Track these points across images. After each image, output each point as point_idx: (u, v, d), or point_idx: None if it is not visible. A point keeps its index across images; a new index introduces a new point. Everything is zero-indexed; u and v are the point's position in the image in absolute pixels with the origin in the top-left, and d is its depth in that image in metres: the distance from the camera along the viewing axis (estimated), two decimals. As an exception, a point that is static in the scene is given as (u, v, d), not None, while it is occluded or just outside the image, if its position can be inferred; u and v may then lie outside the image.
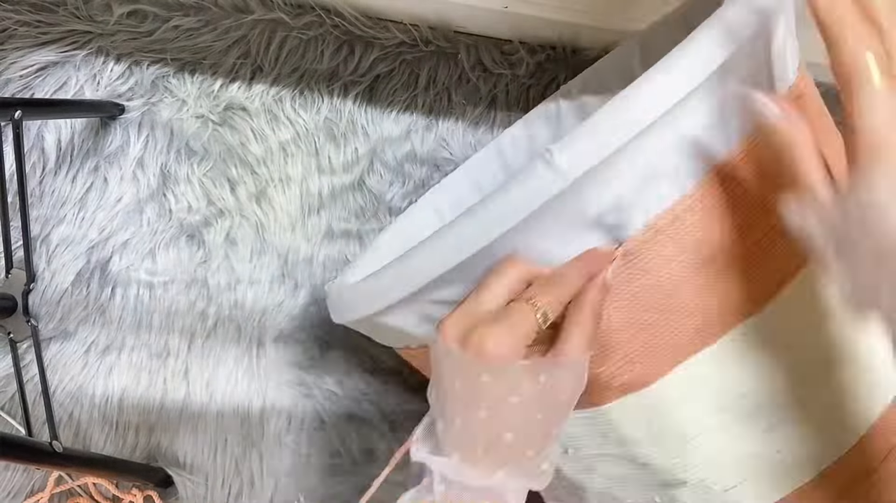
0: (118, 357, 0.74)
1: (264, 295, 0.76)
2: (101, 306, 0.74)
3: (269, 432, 0.75)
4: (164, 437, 0.74)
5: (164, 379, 0.75)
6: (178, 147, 0.75)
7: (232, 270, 0.76)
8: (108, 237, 0.75)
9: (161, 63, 0.75)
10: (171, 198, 0.75)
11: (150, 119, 0.75)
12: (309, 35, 0.75)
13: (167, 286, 0.75)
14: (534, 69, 0.78)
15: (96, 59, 0.74)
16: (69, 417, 0.74)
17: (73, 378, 0.74)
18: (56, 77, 0.74)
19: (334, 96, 0.77)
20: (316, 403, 0.76)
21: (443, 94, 0.78)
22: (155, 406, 0.74)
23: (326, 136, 0.77)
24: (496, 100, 0.78)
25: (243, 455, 0.75)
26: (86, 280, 0.74)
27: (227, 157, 0.76)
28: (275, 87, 0.76)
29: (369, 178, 0.78)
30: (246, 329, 0.76)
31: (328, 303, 0.52)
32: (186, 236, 0.76)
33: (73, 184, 0.74)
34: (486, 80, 0.78)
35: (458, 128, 0.78)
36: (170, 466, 0.74)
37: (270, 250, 0.76)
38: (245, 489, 0.75)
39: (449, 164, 0.78)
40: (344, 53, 0.76)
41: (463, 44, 0.77)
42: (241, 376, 0.75)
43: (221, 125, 0.76)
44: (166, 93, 0.75)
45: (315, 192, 0.77)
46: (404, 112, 0.78)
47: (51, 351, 0.74)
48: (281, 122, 0.76)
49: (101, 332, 0.74)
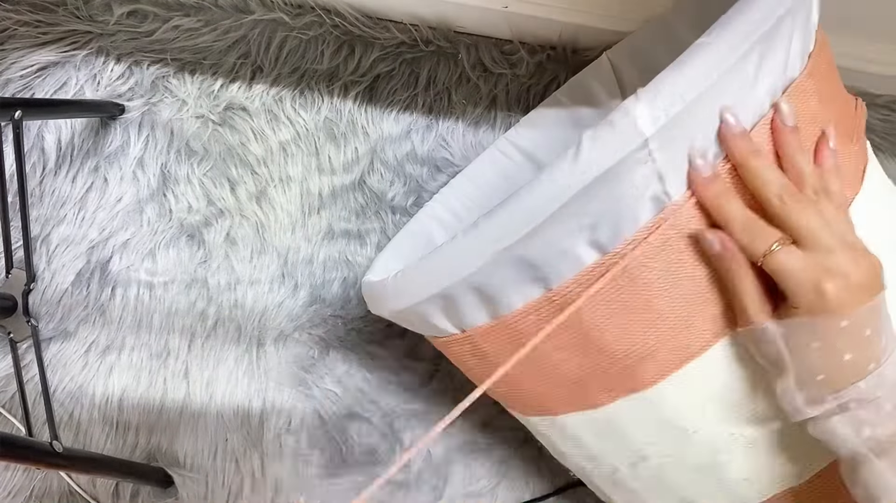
0: (118, 357, 0.74)
1: (264, 295, 0.76)
2: (102, 306, 0.74)
3: (269, 432, 0.75)
4: (164, 437, 0.74)
5: (164, 379, 0.75)
6: (178, 147, 0.75)
7: (232, 270, 0.76)
8: (108, 237, 0.75)
9: (161, 63, 0.75)
10: (172, 198, 0.75)
11: (151, 119, 0.75)
12: (309, 35, 0.75)
13: (167, 286, 0.75)
14: (534, 69, 0.78)
15: (96, 59, 0.74)
16: (69, 417, 0.74)
17: (74, 378, 0.74)
18: (56, 77, 0.74)
19: (334, 96, 0.77)
20: (316, 403, 0.76)
21: (443, 93, 0.78)
22: (155, 406, 0.74)
23: (327, 136, 0.77)
24: (496, 100, 0.78)
25: (243, 455, 0.75)
26: (86, 280, 0.74)
27: (227, 157, 0.76)
28: (275, 87, 0.76)
29: (369, 177, 0.78)
30: (246, 329, 0.76)
31: (364, 296, 0.54)
32: (186, 236, 0.76)
33: (74, 184, 0.74)
34: (487, 80, 0.78)
35: (459, 127, 0.78)
36: (170, 466, 0.74)
37: (270, 250, 0.76)
38: (245, 489, 0.75)
39: (449, 163, 0.78)
40: (344, 53, 0.76)
41: (463, 44, 0.77)
42: (242, 376, 0.75)
43: (222, 125, 0.76)
44: (166, 93, 0.75)
45: (315, 191, 0.77)
46: (404, 112, 0.78)
47: (51, 351, 0.74)
48: (281, 122, 0.76)
49: (101, 332, 0.74)
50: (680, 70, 0.35)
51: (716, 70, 0.35)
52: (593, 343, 0.43)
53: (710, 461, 0.45)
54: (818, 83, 0.42)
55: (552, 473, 0.77)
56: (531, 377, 0.47)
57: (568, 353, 0.44)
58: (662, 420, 0.44)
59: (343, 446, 0.76)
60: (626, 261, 0.39)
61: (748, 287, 0.38)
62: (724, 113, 0.37)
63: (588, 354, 0.43)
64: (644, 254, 0.39)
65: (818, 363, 0.37)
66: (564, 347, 0.44)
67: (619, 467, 0.49)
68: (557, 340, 0.43)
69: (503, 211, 0.38)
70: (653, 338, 0.41)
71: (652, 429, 0.45)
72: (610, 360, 0.43)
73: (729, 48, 0.35)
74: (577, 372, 0.45)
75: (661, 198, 0.38)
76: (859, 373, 0.36)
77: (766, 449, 0.44)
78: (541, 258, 0.39)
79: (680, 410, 0.44)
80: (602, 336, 0.42)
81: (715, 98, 0.36)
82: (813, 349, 0.37)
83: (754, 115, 0.38)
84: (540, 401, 0.50)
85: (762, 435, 0.44)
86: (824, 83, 0.43)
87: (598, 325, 0.42)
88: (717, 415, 0.43)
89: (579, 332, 0.42)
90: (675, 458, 0.46)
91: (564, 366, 0.45)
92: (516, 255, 0.39)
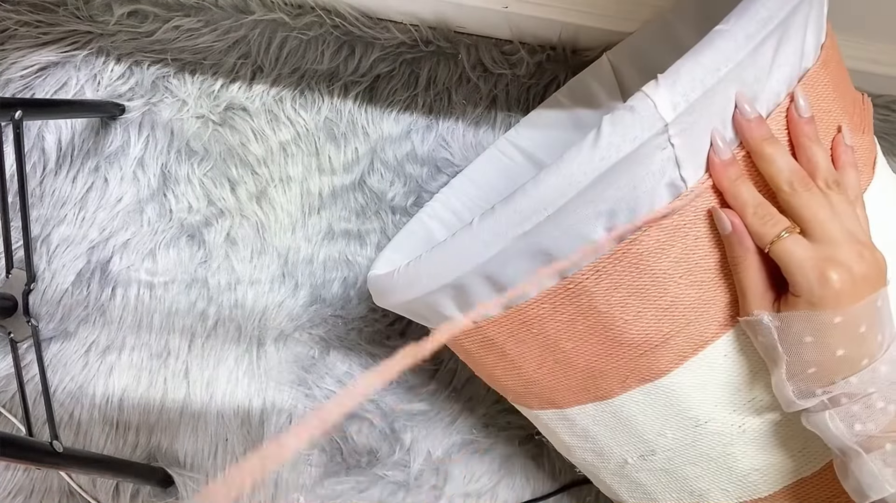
0: (118, 357, 0.74)
1: (264, 295, 0.76)
2: (102, 306, 0.74)
3: (269, 432, 0.75)
4: (164, 437, 0.74)
5: (164, 379, 0.75)
6: (178, 147, 0.75)
7: (232, 270, 0.76)
8: (108, 237, 0.75)
9: (161, 63, 0.75)
10: (172, 198, 0.75)
11: (151, 119, 0.75)
12: (309, 35, 0.75)
13: (167, 286, 0.75)
14: (534, 69, 0.78)
15: (97, 60, 0.74)
16: (69, 417, 0.74)
17: (74, 378, 0.74)
18: (56, 77, 0.74)
19: (334, 96, 0.77)
20: (316, 403, 0.76)
21: (443, 94, 0.78)
22: (155, 406, 0.74)
23: (327, 136, 0.77)
24: (496, 100, 0.78)
25: (243, 455, 0.75)
26: (86, 280, 0.74)
27: (227, 157, 0.76)
28: (275, 88, 0.76)
29: (370, 177, 0.78)
30: (246, 329, 0.76)
31: (371, 289, 0.54)
32: (187, 236, 0.76)
33: (74, 184, 0.74)
34: (487, 80, 0.78)
35: (459, 127, 0.78)
36: (170, 466, 0.74)
37: (271, 250, 0.76)
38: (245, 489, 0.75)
39: (449, 163, 0.78)
40: (344, 54, 0.76)
41: (463, 44, 0.77)
42: (242, 376, 0.75)
43: (222, 125, 0.76)
44: (167, 93, 0.75)
45: (315, 191, 0.77)
46: (404, 112, 0.78)
47: (51, 351, 0.74)
48: (281, 122, 0.76)
49: (101, 332, 0.74)
50: (699, 56, 0.35)
51: (734, 57, 0.35)
52: (608, 331, 0.43)
53: (720, 452, 0.45)
54: (831, 73, 0.42)
55: (553, 472, 0.77)
56: (543, 368, 0.47)
57: (581, 342, 0.44)
58: (673, 410, 0.44)
59: (343, 446, 0.76)
60: (642, 247, 0.39)
61: (752, 276, 0.38)
62: (740, 99, 0.37)
63: (602, 343, 0.43)
64: (659, 240, 0.39)
65: (810, 357, 0.37)
66: (578, 336, 0.44)
67: (628, 460, 0.49)
68: (571, 329, 0.43)
69: (521, 197, 0.38)
70: (667, 325, 0.41)
71: (662, 419, 0.45)
72: (624, 348, 0.43)
73: (746, 36, 0.35)
74: (591, 361, 0.45)
75: (678, 184, 0.38)
76: (852, 369, 0.37)
77: (775, 440, 0.44)
78: (556, 245, 0.39)
79: (691, 400, 0.44)
80: (616, 323, 0.42)
81: (733, 84, 0.36)
82: (806, 343, 0.37)
83: (770, 103, 0.39)
84: (550, 393, 0.49)
85: (772, 425, 0.44)
86: (836, 74, 0.43)
87: (613, 313, 0.42)
88: (727, 405, 0.43)
89: (594, 320, 0.42)
90: (684, 450, 0.46)
91: (577, 356, 0.45)
92: (532, 242, 0.39)
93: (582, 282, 0.41)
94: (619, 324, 0.42)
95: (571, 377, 0.47)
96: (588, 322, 0.43)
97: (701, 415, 0.44)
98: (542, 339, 0.45)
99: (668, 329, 0.42)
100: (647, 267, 0.40)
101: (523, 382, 0.50)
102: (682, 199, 0.38)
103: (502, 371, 0.51)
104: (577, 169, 0.36)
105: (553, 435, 0.56)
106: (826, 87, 0.41)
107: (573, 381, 0.47)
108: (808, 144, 0.38)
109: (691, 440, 0.45)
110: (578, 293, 0.41)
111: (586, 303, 0.42)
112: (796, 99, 0.39)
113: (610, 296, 0.41)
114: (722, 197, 0.39)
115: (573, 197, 0.36)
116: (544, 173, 0.37)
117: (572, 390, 0.48)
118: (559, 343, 0.45)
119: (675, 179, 0.37)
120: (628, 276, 0.40)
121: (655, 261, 0.40)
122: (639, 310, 0.41)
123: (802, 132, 0.38)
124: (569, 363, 0.46)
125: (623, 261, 0.40)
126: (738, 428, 0.44)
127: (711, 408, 0.44)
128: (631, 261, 0.40)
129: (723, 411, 0.44)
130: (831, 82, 0.42)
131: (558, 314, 0.43)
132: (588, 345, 0.44)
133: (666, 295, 0.41)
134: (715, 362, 0.42)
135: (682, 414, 0.44)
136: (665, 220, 0.38)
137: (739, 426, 0.44)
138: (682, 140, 0.36)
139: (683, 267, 0.40)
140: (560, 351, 0.45)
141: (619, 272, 0.40)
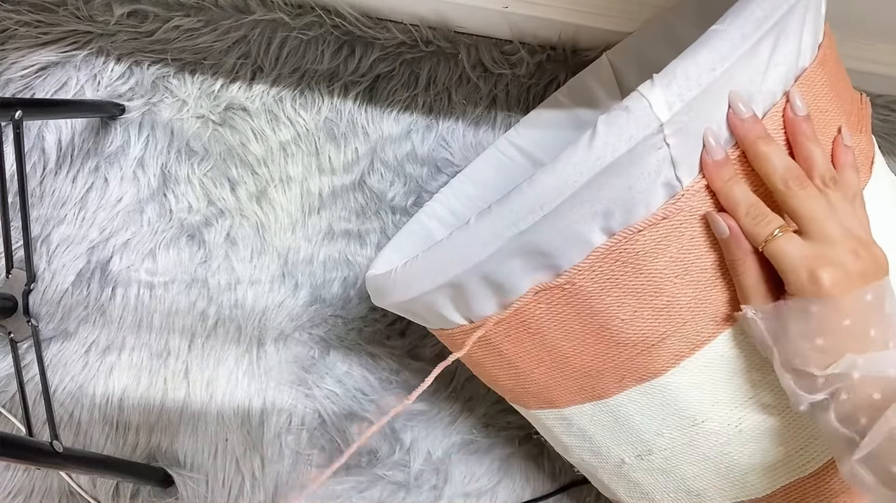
0: (118, 357, 0.74)
1: (264, 295, 0.76)
2: (102, 306, 0.74)
3: (269, 432, 0.75)
4: (164, 437, 0.74)
5: (164, 379, 0.75)
6: (178, 147, 0.75)
7: (232, 270, 0.76)
8: (108, 237, 0.75)
9: (161, 63, 0.75)
10: (172, 198, 0.75)
11: (151, 119, 0.75)
12: (309, 35, 0.75)
13: (167, 286, 0.75)
14: (534, 69, 0.78)
15: (97, 60, 0.74)
16: (69, 417, 0.74)
17: (74, 378, 0.74)
18: (56, 77, 0.74)
19: (334, 96, 0.77)
20: (316, 403, 0.76)
21: (443, 94, 0.78)
22: (155, 406, 0.74)
23: (327, 136, 0.77)
24: (496, 100, 0.78)
25: (243, 455, 0.75)
26: (86, 280, 0.74)
27: (227, 157, 0.76)
28: (275, 88, 0.76)
29: (370, 177, 0.78)
30: (246, 329, 0.76)
31: (369, 289, 0.54)
32: (187, 236, 0.76)
33: (74, 184, 0.74)
34: (487, 80, 0.78)
35: (459, 127, 0.78)
36: (170, 466, 0.74)
37: (271, 250, 0.76)
38: (245, 489, 0.75)
39: (449, 163, 0.78)
40: (344, 53, 0.76)
41: (463, 44, 0.77)
42: (242, 376, 0.75)
43: (222, 125, 0.76)
44: (167, 93, 0.75)
45: (315, 191, 0.77)
46: (404, 112, 0.78)
47: (51, 351, 0.74)
48: (281, 122, 0.76)
49: (101, 332, 0.74)
50: (694, 56, 0.35)
51: (729, 56, 0.35)
52: (604, 331, 0.43)
53: (717, 452, 0.45)
54: (828, 73, 0.42)
55: (552, 472, 0.77)
56: (540, 368, 0.47)
57: (579, 342, 0.44)
58: (671, 409, 0.44)
59: (343, 446, 0.76)
60: (638, 247, 0.39)
61: (751, 277, 0.38)
62: (734, 98, 0.37)
63: (599, 343, 0.43)
64: (655, 240, 0.39)
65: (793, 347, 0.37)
66: (575, 336, 0.44)
67: (625, 459, 0.49)
68: (568, 329, 0.43)
69: (517, 196, 0.38)
70: (664, 325, 0.41)
71: (660, 419, 0.45)
72: (621, 348, 0.43)
73: (742, 35, 0.35)
74: (587, 361, 0.45)
75: (674, 183, 0.38)
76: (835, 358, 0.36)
77: (773, 439, 0.44)
78: (552, 245, 0.39)
79: (689, 399, 0.44)
80: (613, 323, 0.42)
81: (728, 84, 0.36)
82: (789, 333, 0.37)
83: (766, 103, 0.38)
84: (547, 393, 0.49)
85: (769, 425, 0.44)
86: (834, 73, 0.43)
87: (610, 312, 0.42)
88: (724, 404, 0.43)
89: (590, 320, 0.42)
90: (681, 449, 0.46)
91: (574, 356, 0.45)
92: (528, 242, 0.39)
93: (578, 282, 0.41)
94: (616, 323, 0.42)
95: (568, 377, 0.47)
96: (584, 322, 0.43)
97: (698, 415, 0.44)
98: (539, 339, 0.45)
99: (665, 328, 0.42)
100: (643, 267, 0.40)
101: (520, 382, 0.50)
102: (678, 199, 0.38)
103: (499, 371, 0.51)
104: (573, 169, 0.36)
105: (551, 435, 0.56)
106: (823, 86, 0.41)
107: (570, 381, 0.47)
108: (804, 142, 0.38)
109: (688, 440, 0.45)
110: (575, 293, 0.41)
111: (583, 303, 0.42)
112: (792, 98, 0.39)
113: (606, 296, 0.41)
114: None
115: (569, 197, 0.36)
116: (540, 173, 0.37)
117: (569, 390, 0.48)
118: (556, 343, 0.45)
119: (670, 179, 0.37)
120: (624, 276, 0.40)
121: (651, 261, 0.39)
122: (635, 310, 0.41)
123: (799, 130, 0.38)
124: (566, 363, 0.46)
125: (619, 261, 0.40)
126: (736, 427, 0.44)
127: (708, 408, 0.44)
128: (627, 261, 0.40)
129: (720, 411, 0.43)
130: (829, 82, 0.42)
131: (555, 314, 0.43)
132: (585, 344, 0.44)
133: (662, 294, 0.41)
134: (712, 362, 0.42)
135: (679, 413, 0.44)
136: (661, 221, 0.38)
137: (737, 426, 0.44)
138: (678, 140, 0.36)
139: (679, 267, 0.40)
140: (557, 350, 0.45)
141: (615, 272, 0.40)
